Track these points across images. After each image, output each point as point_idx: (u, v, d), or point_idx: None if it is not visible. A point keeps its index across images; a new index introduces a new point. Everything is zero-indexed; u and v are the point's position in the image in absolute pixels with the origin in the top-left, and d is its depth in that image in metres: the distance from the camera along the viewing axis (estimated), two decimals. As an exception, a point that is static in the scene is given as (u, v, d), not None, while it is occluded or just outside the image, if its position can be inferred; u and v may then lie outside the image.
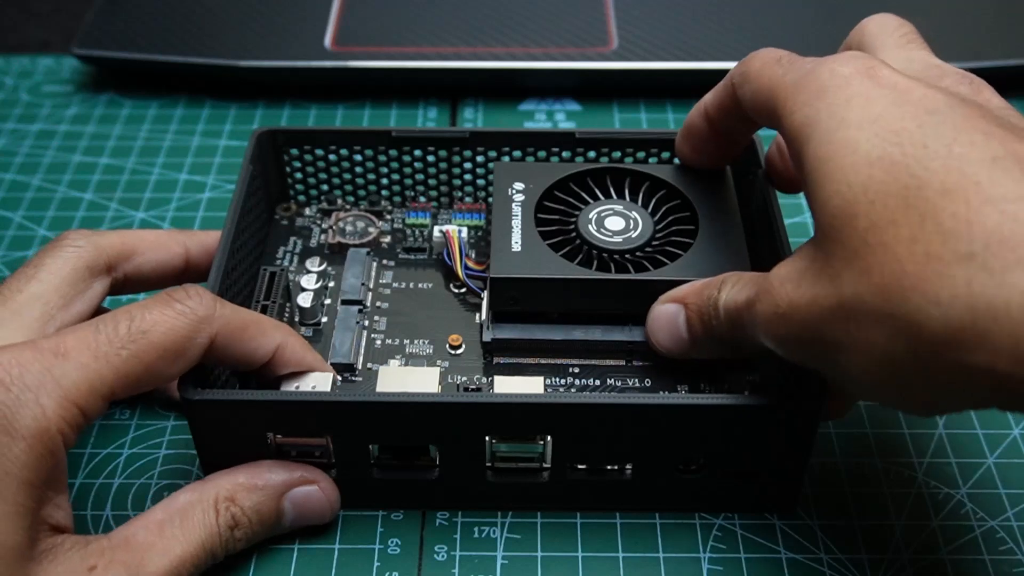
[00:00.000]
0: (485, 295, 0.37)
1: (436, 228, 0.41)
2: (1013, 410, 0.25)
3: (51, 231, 0.46)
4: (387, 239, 0.42)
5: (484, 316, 0.37)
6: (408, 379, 0.34)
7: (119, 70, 0.56)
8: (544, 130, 0.41)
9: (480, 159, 0.42)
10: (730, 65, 0.52)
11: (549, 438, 0.32)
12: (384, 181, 0.43)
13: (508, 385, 0.34)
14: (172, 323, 0.29)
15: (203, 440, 0.33)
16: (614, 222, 0.37)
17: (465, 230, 0.40)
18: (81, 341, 0.28)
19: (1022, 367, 0.23)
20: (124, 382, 0.28)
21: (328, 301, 0.39)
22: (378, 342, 0.37)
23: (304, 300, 0.38)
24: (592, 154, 0.41)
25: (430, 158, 0.42)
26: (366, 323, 0.38)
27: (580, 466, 0.34)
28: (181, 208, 0.48)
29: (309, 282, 0.38)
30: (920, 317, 0.24)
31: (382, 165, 0.42)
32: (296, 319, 0.38)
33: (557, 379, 0.36)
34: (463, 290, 0.39)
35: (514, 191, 0.38)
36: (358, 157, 0.42)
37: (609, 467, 0.34)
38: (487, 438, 0.32)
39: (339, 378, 0.36)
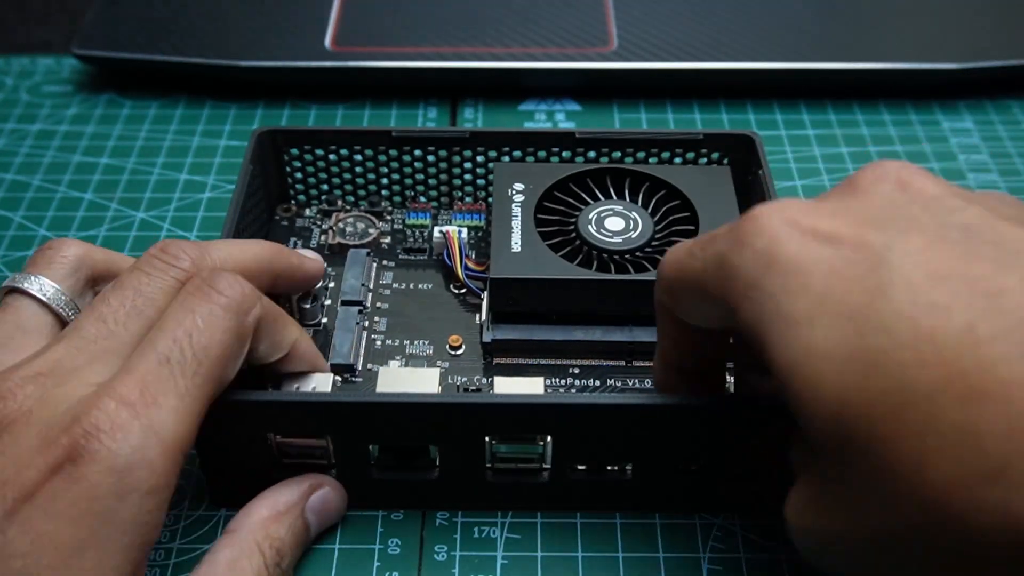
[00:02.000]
0: (485, 296, 0.37)
1: (436, 229, 0.41)
2: None
3: (51, 231, 0.46)
4: (387, 240, 0.42)
5: (484, 317, 0.37)
6: (408, 380, 0.34)
7: (119, 70, 0.56)
8: (544, 130, 0.41)
9: (480, 159, 0.42)
10: (730, 65, 0.53)
11: (549, 439, 0.32)
12: (384, 181, 0.43)
13: (508, 386, 0.34)
14: (224, 325, 0.28)
15: (203, 440, 0.32)
16: (614, 222, 0.37)
17: (465, 231, 0.40)
18: (161, 381, 0.26)
19: None
20: (207, 404, 0.28)
21: (328, 302, 0.39)
22: (378, 343, 0.37)
23: (304, 301, 0.38)
24: (592, 154, 0.41)
25: (430, 158, 0.42)
26: (366, 324, 0.38)
27: (580, 466, 0.34)
28: (181, 208, 0.48)
29: (309, 283, 0.38)
30: (965, 539, 0.20)
31: (382, 165, 0.42)
32: (296, 320, 0.38)
33: (557, 380, 0.36)
34: (463, 291, 0.39)
35: (514, 191, 0.38)
36: (358, 157, 0.42)
37: (609, 467, 0.34)
38: (487, 439, 0.32)
39: (339, 379, 0.36)
